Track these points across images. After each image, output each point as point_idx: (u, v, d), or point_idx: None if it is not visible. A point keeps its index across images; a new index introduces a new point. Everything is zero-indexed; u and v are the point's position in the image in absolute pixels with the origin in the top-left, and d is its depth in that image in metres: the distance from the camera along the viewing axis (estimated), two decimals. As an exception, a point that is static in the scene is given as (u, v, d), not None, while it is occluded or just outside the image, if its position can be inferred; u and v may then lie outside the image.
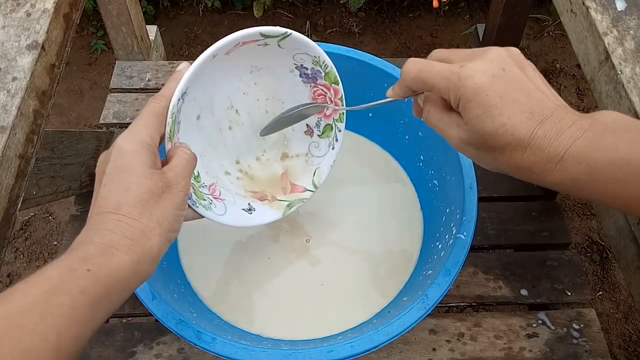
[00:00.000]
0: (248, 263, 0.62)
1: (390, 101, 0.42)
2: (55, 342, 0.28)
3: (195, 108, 0.49)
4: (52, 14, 0.51)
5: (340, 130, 0.55)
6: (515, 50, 0.37)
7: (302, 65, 0.49)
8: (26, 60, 0.48)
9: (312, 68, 0.49)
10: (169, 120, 0.39)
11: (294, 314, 0.58)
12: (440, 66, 0.36)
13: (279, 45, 0.45)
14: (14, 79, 0.47)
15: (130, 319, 0.67)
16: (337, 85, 0.51)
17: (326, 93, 0.52)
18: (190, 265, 0.61)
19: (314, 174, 0.56)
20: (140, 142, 0.36)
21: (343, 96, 0.52)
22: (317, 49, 0.47)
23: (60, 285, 0.30)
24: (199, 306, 0.58)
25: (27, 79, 0.47)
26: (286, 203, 0.55)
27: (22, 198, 0.49)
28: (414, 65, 0.38)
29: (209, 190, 0.50)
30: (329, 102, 0.52)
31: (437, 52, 0.39)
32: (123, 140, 0.36)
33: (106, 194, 0.35)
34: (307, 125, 0.55)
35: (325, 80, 0.51)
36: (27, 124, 0.48)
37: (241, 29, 0.42)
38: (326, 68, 0.49)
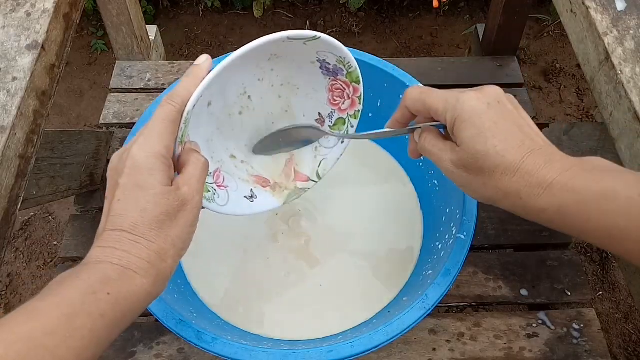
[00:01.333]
0: (247, 263, 0.62)
1: (390, 132, 0.44)
2: None
3: (207, 96, 0.48)
4: (52, 14, 0.51)
5: (353, 127, 0.54)
6: (510, 95, 0.39)
7: (324, 60, 0.48)
8: (26, 60, 0.48)
9: (335, 65, 0.49)
10: (182, 125, 0.38)
11: (294, 314, 0.58)
12: (440, 91, 0.39)
13: (304, 44, 0.44)
14: (14, 79, 0.47)
15: (130, 319, 0.67)
16: (358, 84, 0.51)
17: (345, 89, 0.51)
18: (190, 265, 0.61)
19: (319, 165, 0.56)
20: (156, 155, 0.35)
21: (362, 95, 0.51)
22: (344, 50, 0.46)
23: (82, 308, 0.30)
24: (199, 306, 0.58)
25: (27, 79, 0.47)
26: (288, 191, 0.55)
27: (22, 198, 0.49)
28: (416, 89, 0.41)
29: (213, 177, 0.49)
30: (345, 96, 0.52)
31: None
32: (139, 152, 0.35)
33: (121, 211, 0.34)
34: (319, 113, 0.54)
35: (346, 77, 0.50)
36: (27, 124, 0.48)
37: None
38: (350, 68, 0.49)
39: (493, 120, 0.36)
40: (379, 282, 0.60)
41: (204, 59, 0.41)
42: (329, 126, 0.55)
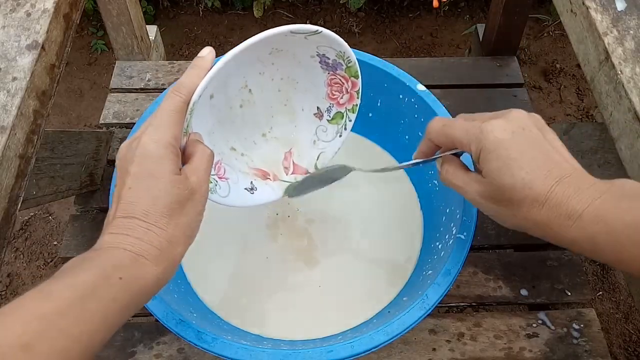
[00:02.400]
0: (247, 263, 0.62)
1: (417, 163, 0.45)
2: (87, 344, 0.29)
3: (210, 88, 0.48)
4: (52, 14, 0.51)
5: (350, 121, 0.55)
6: (537, 115, 0.38)
7: (324, 54, 0.49)
8: (26, 60, 0.48)
9: (335, 60, 0.49)
10: (187, 116, 0.39)
11: (294, 314, 0.58)
12: (463, 122, 0.39)
13: (305, 38, 0.45)
14: (14, 79, 0.47)
15: (130, 319, 0.66)
16: (357, 79, 0.51)
17: (343, 83, 0.52)
18: (190, 265, 0.61)
19: (318, 158, 0.56)
20: (166, 144, 0.36)
21: (360, 90, 0.52)
22: (345, 45, 0.47)
23: (94, 291, 0.31)
24: (199, 306, 0.58)
25: (27, 79, 0.47)
26: (287, 184, 0.55)
27: (22, 198, 0.49)
28: (438, 121, 0.41)
29: (215, 169, 0.50)
30: (344, 90, 0.52)
31: (461, 115, 0.41)
32: (149, 142, 0.36)
33: (132, 199, 0.35)
34: (317, 107, 0.55)
35: (345, 72, 0.51)
36: (27, 124, 0.48)
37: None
38: (349, 63, 0.49)
39: (518, 150, 0.35)
40: (378, 282, 0.60)
41: (207, 51, 0.41)
42: (327, 120, 0.55)
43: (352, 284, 0.60)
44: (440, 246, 0.55)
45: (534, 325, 0.64)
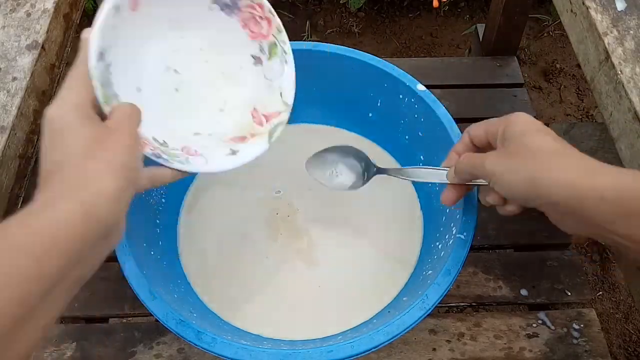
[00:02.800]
0: (247, 263, 0.62)
1: (436, 172, 0.49)
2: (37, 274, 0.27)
3: (131, 80, 0.45)
4: (52, 14, 0.51)
5: (284, 42, 0.52)
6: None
7: None
8: (26, 60, 0.48)
9: None
10: (97, 84, 0.37)
11: (294, 314, 0.58)
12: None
13: None
14: (14, 79, 0.47)
15: (130, 319, 0.67)
16: (261, 0, 0.49)
17: (254, 13, 0.50)
18: (190, 265, 0.61)
19: (281, 95, 0.54)
20: (69, 104, 0.35)
21: (271, 9, 0.50)
22: None
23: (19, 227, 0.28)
24: (199, 306, 0.58)
25: (27, 79, 0.47)
26: (267, 133, 0.53)
27: (22, 198, 0.49)
28: (478, 123, 0.45)
29: (183, 152, 0.47)
30: (258, 20, 0.51)
31: None
32: (51, 109, 0.35)
33: (47, 158, 0.33)
34: (252, 56, 0.53)
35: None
36: (27, 124, 0.48)
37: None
38: None
39: (542, 132, 0.38)
40: (378, 282, 0.60)
41: (88, 31, 0.40)
42: (267, 59, 0.53)
43: (352, 284, 0.60)
44: (440, 246, 0.55)
45: (534, 325, 0.64)
